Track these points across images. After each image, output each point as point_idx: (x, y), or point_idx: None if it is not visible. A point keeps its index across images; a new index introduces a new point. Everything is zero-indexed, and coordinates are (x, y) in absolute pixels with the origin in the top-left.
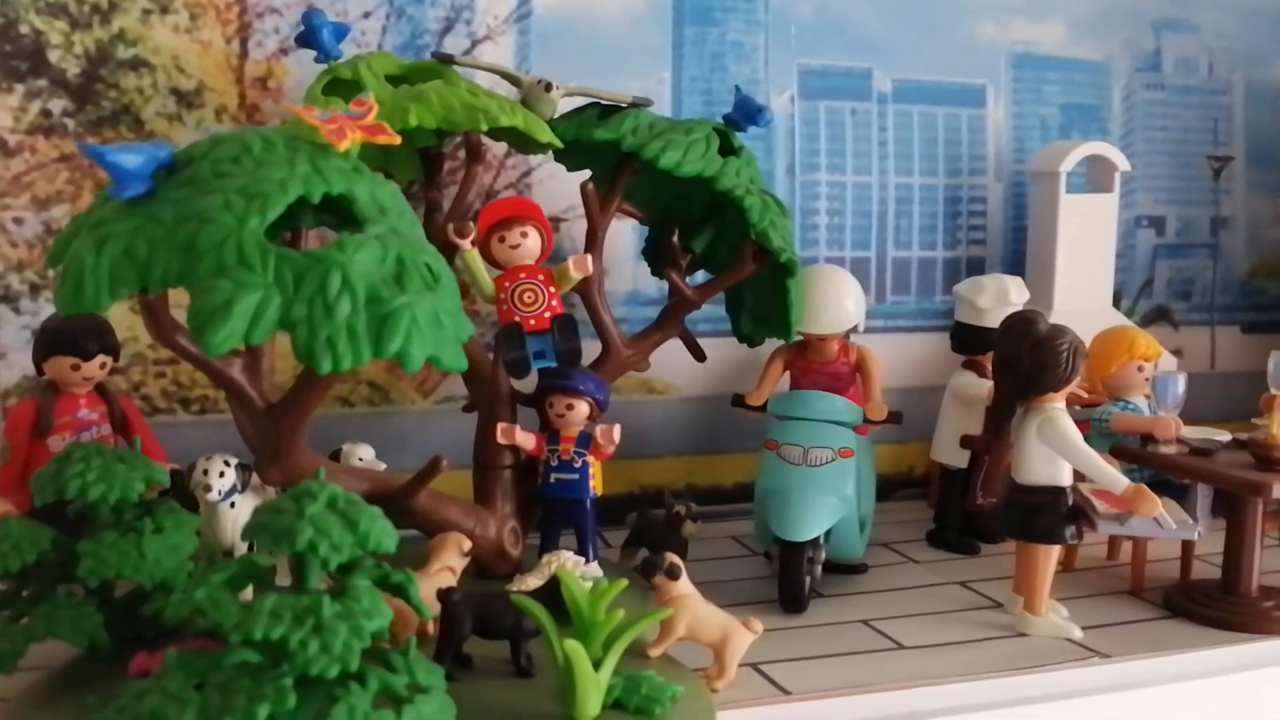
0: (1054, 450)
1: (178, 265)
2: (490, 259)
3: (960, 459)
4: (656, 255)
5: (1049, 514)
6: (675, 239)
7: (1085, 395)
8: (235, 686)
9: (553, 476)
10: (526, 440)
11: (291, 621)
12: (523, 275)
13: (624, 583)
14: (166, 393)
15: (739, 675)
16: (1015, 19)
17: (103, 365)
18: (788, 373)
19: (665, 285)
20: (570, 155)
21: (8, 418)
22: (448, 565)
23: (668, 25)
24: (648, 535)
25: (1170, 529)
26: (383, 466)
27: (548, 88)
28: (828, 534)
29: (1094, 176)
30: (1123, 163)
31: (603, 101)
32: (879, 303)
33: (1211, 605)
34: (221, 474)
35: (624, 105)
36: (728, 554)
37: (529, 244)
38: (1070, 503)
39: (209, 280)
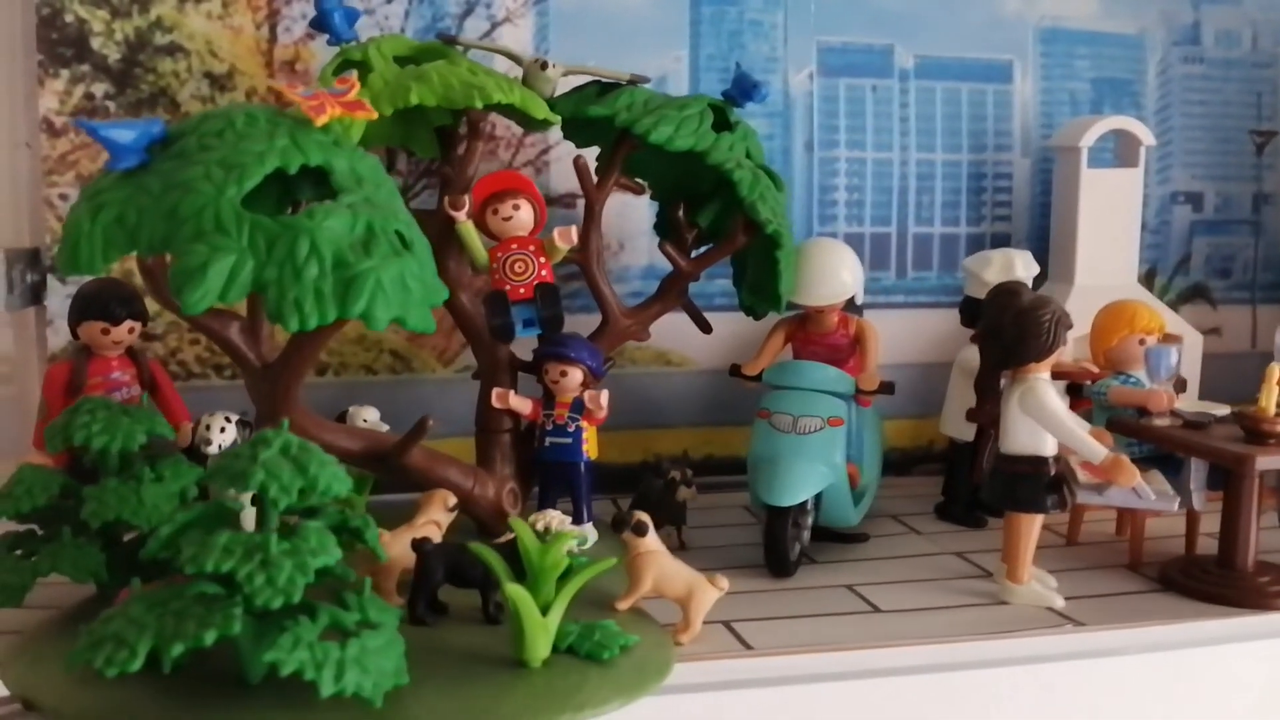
0: (1035, 420)
1: (162, 231)
2: (486, 230)
3: (968, 432)
4: (667, 229)
5: (1031, 483)
6: (681, 213)
7: (1095, 370)
8: (189, 613)
9: (548, 440)
10: (522, 405)
11: (241, 556)
12: (514, 246)
13: (575, 533)
14: (200, 358)
15: (708, 631)
16: None
17: (131, 330)
18: (789, 344)
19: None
20: (577, 132)
21: (45, 377)
22: (433, 519)
23: (685, 4)
24: (648, 500)
25: (1149, 500)
26: (385, 428)
27: (544, 66)
28: (818, 501)
29: (1121, 151)
30: (1148, 138)
31: (603, 79)
32: (900, 278)
33: (1205, 580)
34: (223, 429)
35: (623, 83)
36: (735, 521)
37: (521, 216)
38: (1053, 472)
39: (188, 244)
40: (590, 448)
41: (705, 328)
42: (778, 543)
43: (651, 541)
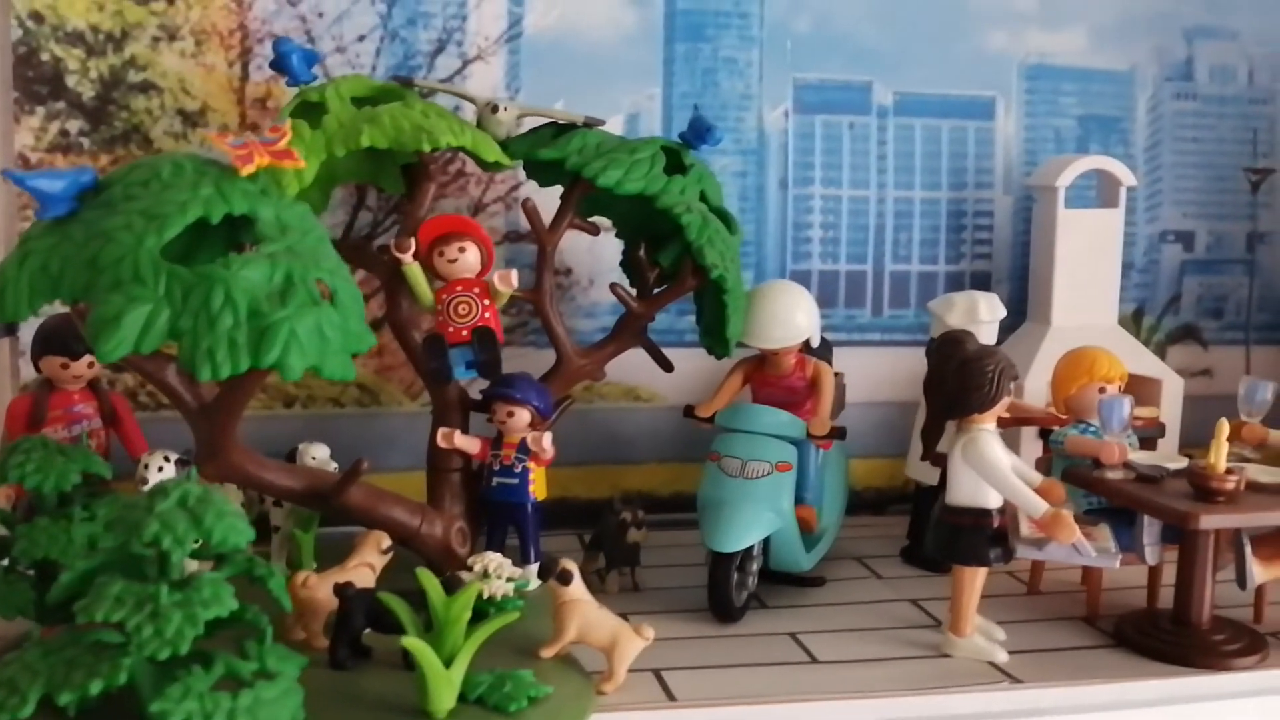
0: (976, 471)
1: (83, 280)
2: (434, 272)
3: (932, 476)
4: (630, 268)
5: (974, 535)
6: (642, 253)
7: (1064, 417)
8: (80, 662)
9: (494, 480)
10: (470, 444)
11: (132, 607)
12: (459, 288)
13: (476, 587)
14: None
15: (636, 680)
16: (1029, 29)
17: (90, 364)
18: (748, 386)
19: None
20: (538, 172)
21: (7, 410)
22: (366, 562)
23: (659, 42)
24: (603, 541)
25: (1089, 556)
26: (334, 466)
27: (494, 109)
28: (766, 545)
29: (1101, 191)
30: (1128, 178)
31: (559, 121)
32: (876, 316)
33: (1157, 636)
34: (160, 469)
35: (578, 125)
36: (693, 562)
37: (467, 258)
38: (996, 525)
39: (105, 294)
40: (538, 488)
41: (666, 366)
42: (720, 588)
43: (576, 590)
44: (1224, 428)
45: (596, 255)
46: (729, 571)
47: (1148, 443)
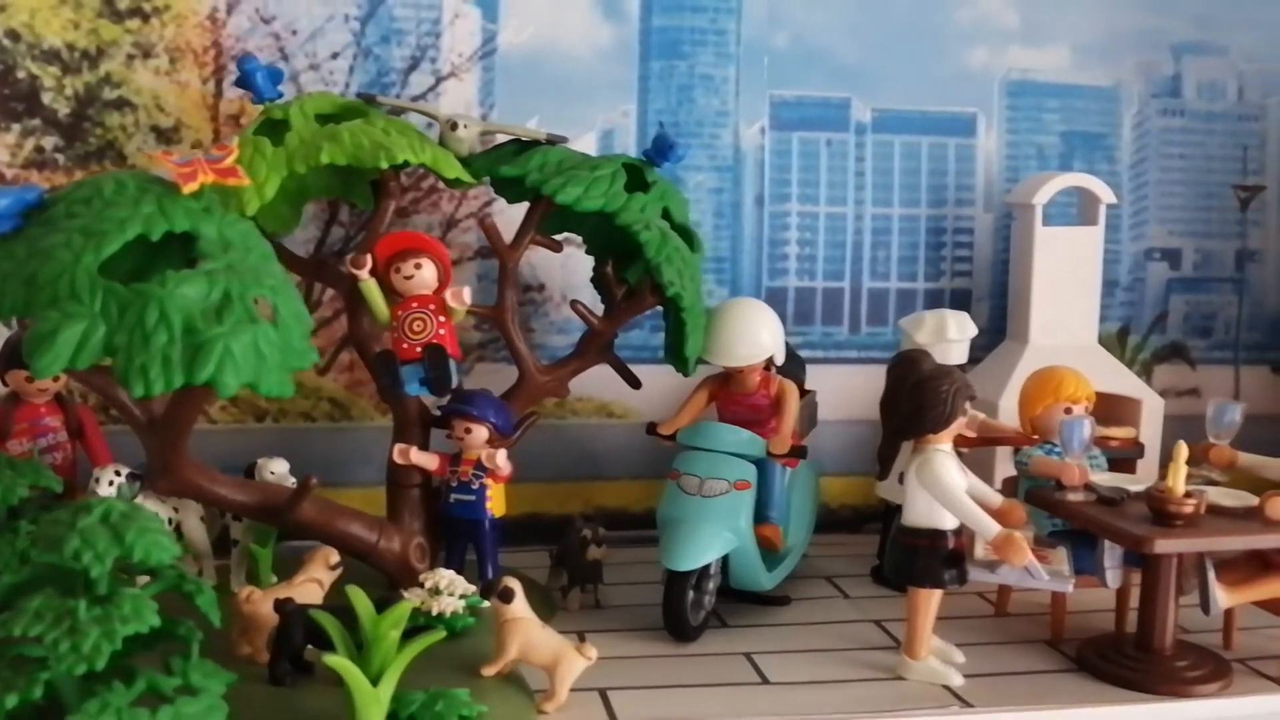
0: (929, 492)
1: (22, 297)
2: (391, 289)
3: (901, 495)
4: (599, 285)
5: (929, 557)
6: (610, 269)
7: (1034, 437)
8: None
9: (452, 497)
10: (428, 461)
11: (50, 622)
12: (415, 305)
13: (413, 603)
14: None
15: (580, 700)
16: (1011, 45)
17: (56, 378)
18: (714, 404)
19: None
20: (506, 189)
21: None
22: (313, 578)
23: (634, 59)
24: (565, 558)
25: (1041, 579)
26: (292, 481)
27: (454, 126)
28: (726, 564)
29: (1081, 209)
30: (1107, 195)
31: (522, 138)
32: (854, 333)
33: (1119, 661)
34: (111, 483)
35: (540, 141)
36: (659, 580)
37: (423, 275)
38: (951, 546)
39: (42, 311)
40: (495, 505)
41: (634, 383)
42: (675, 607)
43: (519, 608)
44: (1182, 450)
45: (569, 271)
46: (684, 590)
47: (1127, 464)
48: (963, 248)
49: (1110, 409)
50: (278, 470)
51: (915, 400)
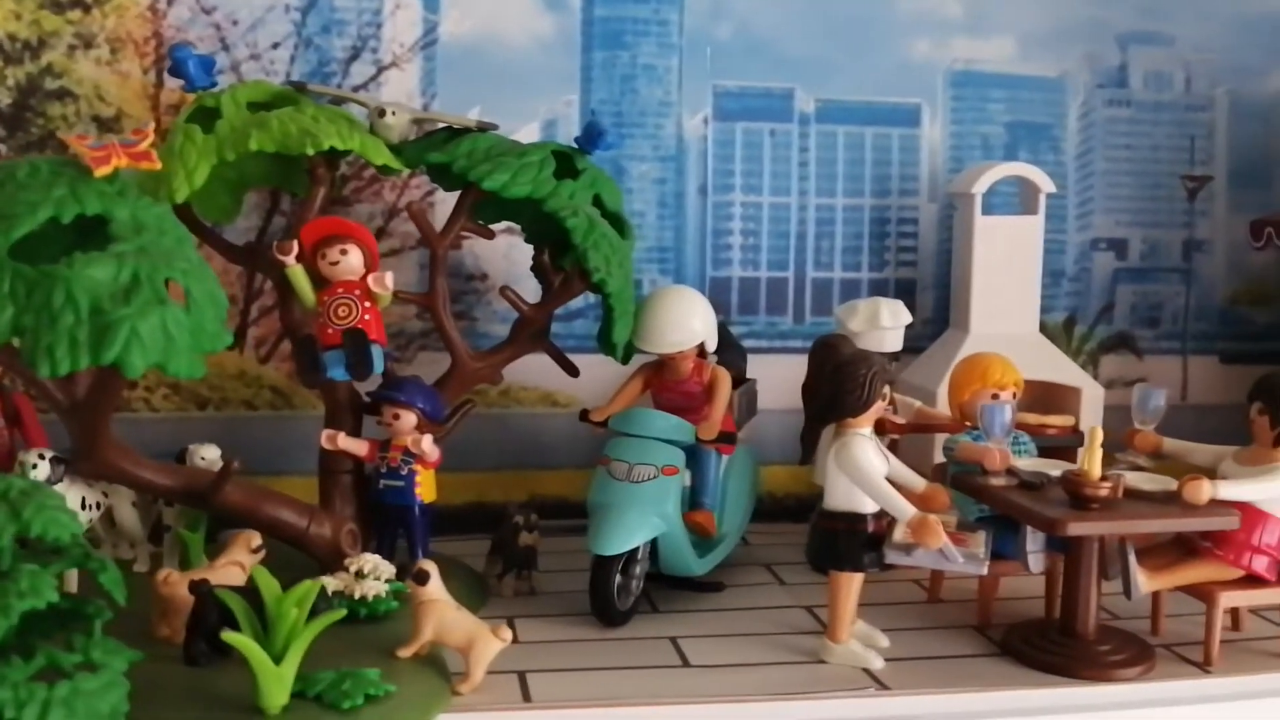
0: (848, 476)
1: None
2: (319, 275)
3: None
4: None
5: (849, 540)
6: (546, 257)
7: (966, 424)
8: None
9: (381, 483)
10: (357, 447)
11: None
12: (340, 290)
13: (319, 584)
14: None
15: (498, 681)
16: (955, 36)
17: None
18: (649, 390)
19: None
20: (441, 178)
21: None
22: (235, 560)
23: (576, 49)
24: (500, 545)
25: (956, 562)
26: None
27: (381, 113)
28: (654, 550)
29: (1023, 198)
30: (1047, 185)
31: (453, 126)
32: (798, 323)
33: (1042, 646)
34: (35, 466)
35: (470, 128)
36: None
37: (349, 260)
38: (870, 530)
39: None
40: (425, 491)
41: (571, 371)
42: (601, 592)
43: (434, 590)
44: (1097, 434)
45: (512, 260)
46: (610, 575)
47: (1067, 452)
48: (907, 238)
49: (1050, 397)
50: (208, 456)
51: (834, 384)
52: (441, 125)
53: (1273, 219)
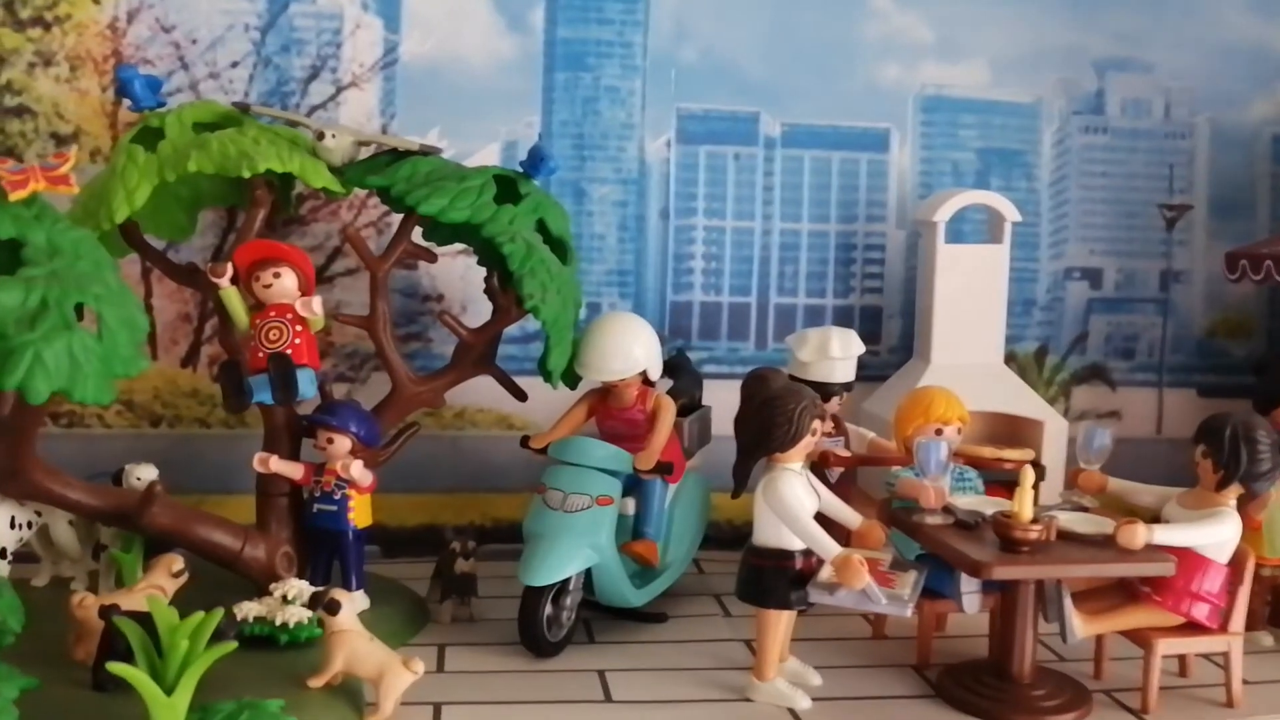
0: (774, 512)
1: None
2: (254, 298)
3: None
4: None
5: (775, 577)
6: (496, 281)
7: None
8: None
9: (315, 507)
10: (291, 470)
11: None
12: (272, 313)
13: (216, 614)
14: None
15: (412, 713)
16: (926, 61)
17: None
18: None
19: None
20: (392, 201)
21: None
22: (155, 585)
23: (538, 70)
24: (440, 571)
25: (879, 603)
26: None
27: (320, 136)
28: (589, 580)
29: (990, 227)
30: (1013, 213)
31: (398, 149)
32: (760, 349)
33: (974, 689)
34: None
35: (414, 152)
36: None
37: (282, 284)
38: (798, 567)
39: None
40: (358, 516)
41: (519, 395)
42: (531, 623)
43: (345, 620)
44: (1028, 476)
45: (469, 282)
46: (539, 606)
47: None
48: (874, 264)
49: (1012, 430)
50: (145, 476)
51: (762, 418)
52: (387, 148)
53: (1247, 251)
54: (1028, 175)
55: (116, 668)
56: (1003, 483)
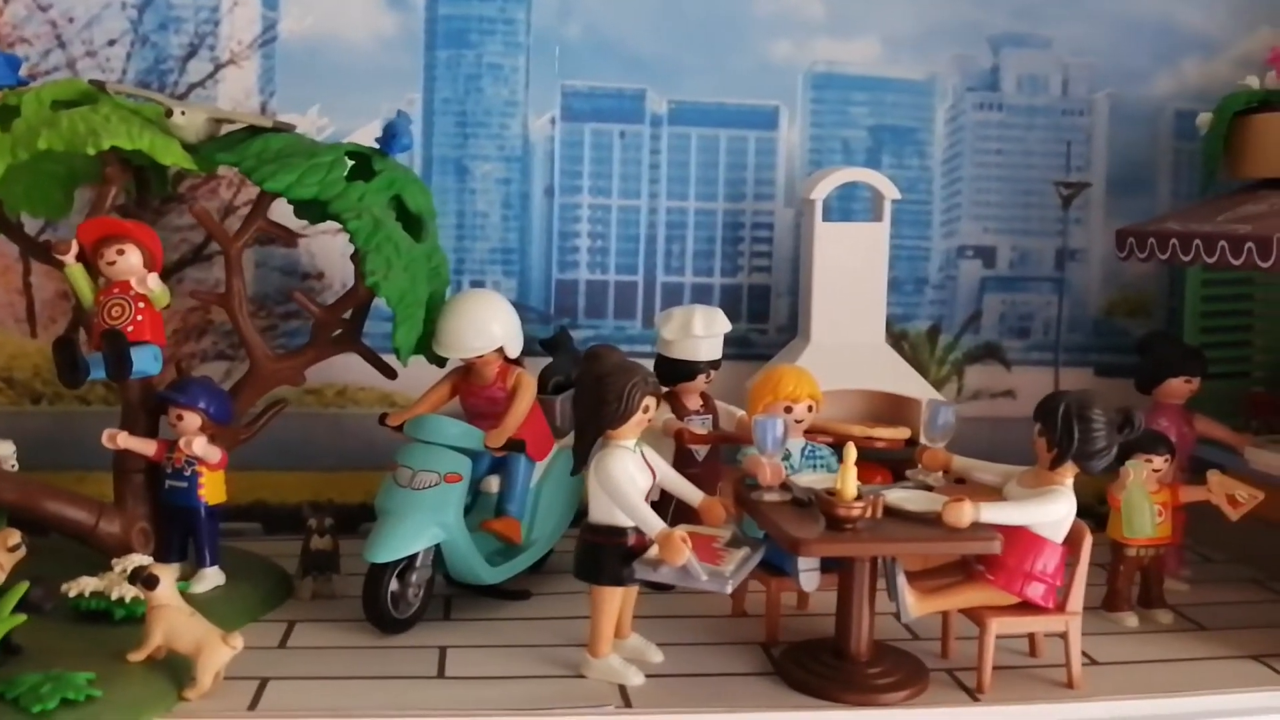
0: (602, 488)
1: None
2: (100, 274)
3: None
4: None
5: (608, 554)
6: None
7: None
8: None
9: (167, 483)
10: (143, 446)
11: None
12: (116, 291)
13: (22, 586)
14: None
15: (235, 688)
16: (816, 37)
17: None
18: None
19: None
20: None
21: None
22: None
23: (419, 47)
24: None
25: (699, 580)
26: (13, 465)
27: (169, 113)
28: (439, 557)
29: (873, 205)
30: (892, 191)
31: (253, 125)
32: (647, 328)
33: (810, 667)
34: None
35: (268, 128)
36: None
37: (126, 260)
38: (630, 544)
39: None
40: (210, 493)
41: (388, 374)
42: (374, 599)
43: (163, 595)
44: (851, 452)
45: (348, 259)
46: (383, 582)
47: (903, 464)
48: (761, 243)
49: (892, 409)
50: (3, 453)
51: (594, 395)
52: (242, 125)
53: (1135, 229)
54: (920, 153)
55: None
56: (881, 460)
